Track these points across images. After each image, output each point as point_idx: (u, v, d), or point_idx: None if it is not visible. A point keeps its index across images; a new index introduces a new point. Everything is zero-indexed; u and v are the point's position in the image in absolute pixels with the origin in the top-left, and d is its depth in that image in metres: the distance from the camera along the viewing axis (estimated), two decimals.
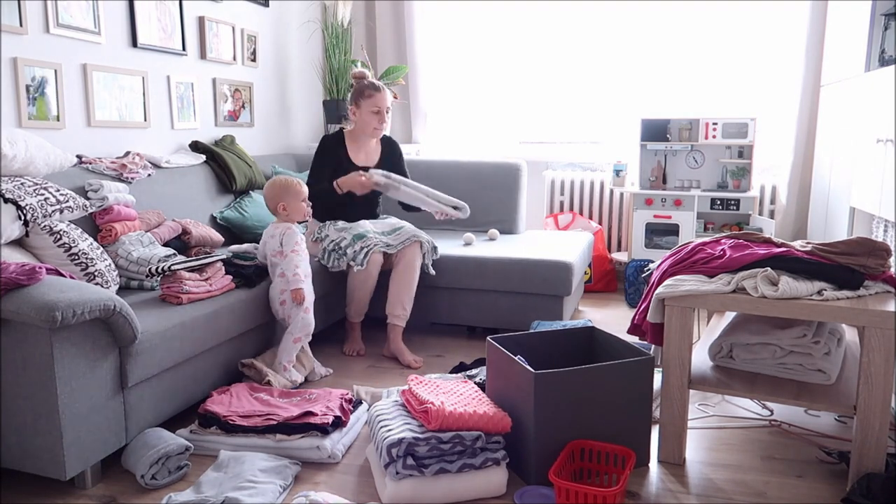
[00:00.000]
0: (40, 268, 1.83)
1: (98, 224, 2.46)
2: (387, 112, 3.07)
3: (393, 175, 3.02)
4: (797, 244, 2.05)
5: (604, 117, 4.36)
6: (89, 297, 1.76)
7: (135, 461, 1.91)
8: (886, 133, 2.61)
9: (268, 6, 3.92)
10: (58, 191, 2.24)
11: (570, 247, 3.30)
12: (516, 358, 1.94)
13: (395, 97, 4.20)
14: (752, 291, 1.88)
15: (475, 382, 2.36)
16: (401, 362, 2.89)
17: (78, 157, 2.65)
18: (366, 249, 2.81)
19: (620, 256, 4.19)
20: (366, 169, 3.06)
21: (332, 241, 2.90)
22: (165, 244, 2.66)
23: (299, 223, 2.69)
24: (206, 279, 2.35)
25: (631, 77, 4.24)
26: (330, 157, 3.07)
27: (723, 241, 2.13)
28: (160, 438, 1.94)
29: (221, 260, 2.48)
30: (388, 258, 2.97)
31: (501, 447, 1.86)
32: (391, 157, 3.22)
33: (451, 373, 2.66)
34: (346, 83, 4.19)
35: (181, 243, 2.76)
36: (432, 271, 3.05)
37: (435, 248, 3.05)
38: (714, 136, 3.92)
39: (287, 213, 2.63)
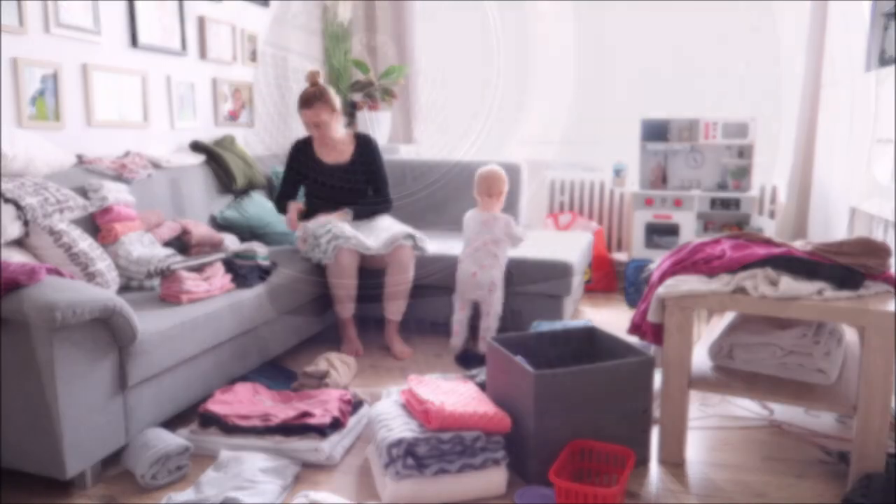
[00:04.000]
0: (40, 268, 1.83)
1: (98, 224, 2.46)
2: (318, 126, 3.02)
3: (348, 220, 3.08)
4: (797, 244, 2.05)
5: (604, 117, 4.35)
6: (89, 297, 1.76)
7: (135, 461, 1.91)
8: (886, 133, 2.61)
9: (268, 6, 3.92)
10: (58, 191, 2.24)
11: (570, 247, 3.30)
12: (516, 358, 1.94)
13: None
14: (752, 291, 1.87)
15: (475, 382, 2.36)
16: (391, 352, 3.02)
17: (78, 157, 2.64)
18: (334, 244, 2.86)
19: (620, 256, 4.18)
20: (337, 167, 3.12)
21: (313, 233, 2.94)
22: (165, 244, 2.66)
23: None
24: (206, 279, 2.35)
25: (631, 77, 4.23)
26: (296, 163, 3.16)
27: (723, 241, 2.13)
28: (160, 438, 1.94)
29: (221, 259, 2.48)
30: (381, 259, 2.98)
31: (501, 447, 1.86)
32: (365, 156, 3.19)
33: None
34: (346, 83, 4.19)
35: (181, 243, 2.75)
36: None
37: (420, 237, 3.03)
38: (714, 136, 3.91)
39: None
